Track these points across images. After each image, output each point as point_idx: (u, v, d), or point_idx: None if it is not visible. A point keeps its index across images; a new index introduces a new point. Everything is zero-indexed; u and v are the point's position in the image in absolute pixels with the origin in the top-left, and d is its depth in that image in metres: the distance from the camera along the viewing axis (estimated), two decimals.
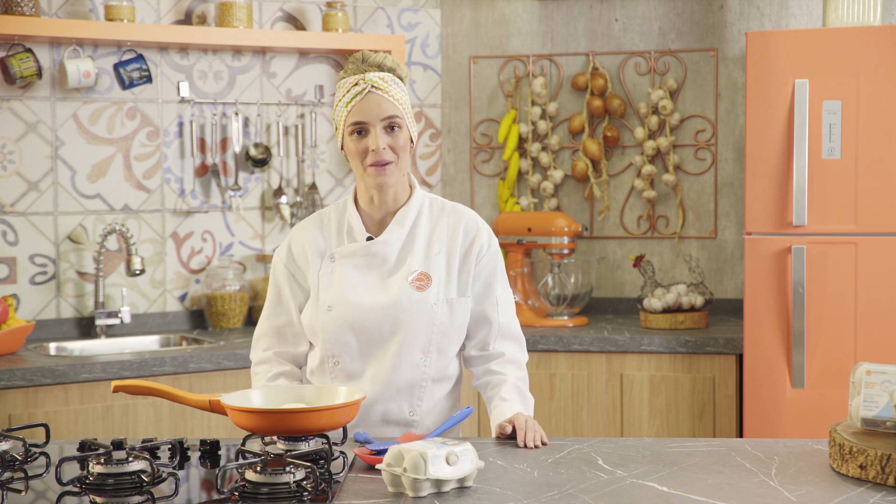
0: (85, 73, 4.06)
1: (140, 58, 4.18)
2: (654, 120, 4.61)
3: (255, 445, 2.23)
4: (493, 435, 2.43)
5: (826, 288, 3.81)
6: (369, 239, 2.52)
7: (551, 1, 4.73)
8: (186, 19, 4.33)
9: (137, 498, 1.93)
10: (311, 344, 2.57)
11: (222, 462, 2.23)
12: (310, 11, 4.54)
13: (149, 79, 4.19)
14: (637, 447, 2.30)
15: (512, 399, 2.50)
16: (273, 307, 2.59)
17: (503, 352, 2.57)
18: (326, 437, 2.13)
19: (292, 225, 4.50)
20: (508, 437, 2.40)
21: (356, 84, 2.46)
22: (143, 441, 2.24)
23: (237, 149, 4.41)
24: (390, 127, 2.46)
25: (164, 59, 4.29)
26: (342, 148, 2.52)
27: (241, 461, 1.98)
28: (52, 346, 3.99)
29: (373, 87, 2.45)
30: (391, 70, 2.50)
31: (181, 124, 4.34)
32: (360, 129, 2.45)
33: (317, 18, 4.54)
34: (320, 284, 2.50)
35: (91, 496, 1.94)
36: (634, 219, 4.72)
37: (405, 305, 2.46)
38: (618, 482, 2.03)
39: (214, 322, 4.32)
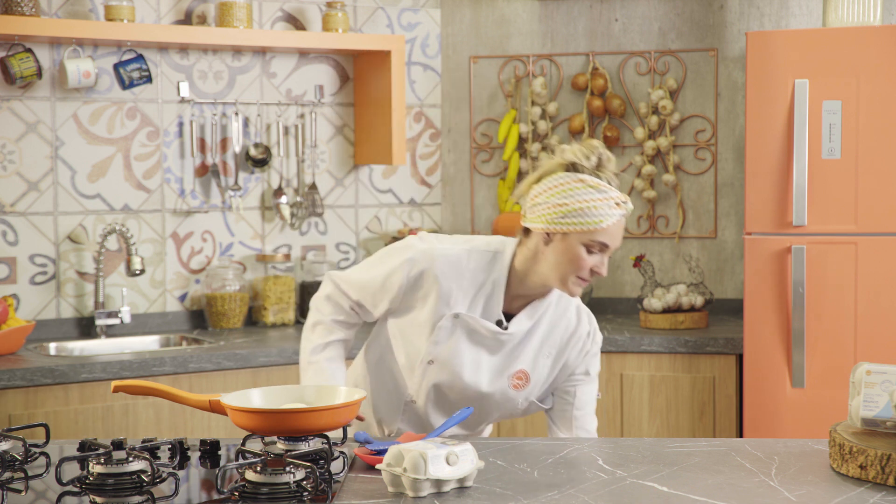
0: (85, 73, 4.06)
1: (140, 58, 4.18)
2: (654, 120, 4.61)
3: (255, 445, 2.23)
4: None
5: (826, 288, 3.81)
6: (499, 323, 2.52)
7: (551, 1, 4.72)
8: (186, 19, 4.33)
9: (137, 498, 1.93)
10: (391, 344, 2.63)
11: (222, 462, 2.23)
12: (310, 11, 4.54)
13: (149, 79, 4.19)
14: (637, 447, 2.30)
15: None
16: (367, 289, 2.56)
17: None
18: (326, 437, 2.13)
19: (292, 225, 4.49)
20: None
21: (618, 206, 2.37)
22: (143, 441, 2.24)
23: (237, 149, 4.41)
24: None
25: (164, 59, 4.29)
26: (548, 235, 2.41)
27: (241, 461, 1.99)
28: (52, 346, 3.99)
29: (626, 213, 2.40)
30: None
31: (181, 124, 4.34)
32: (601, 249, 2.40)
33: (317, 18, 4.54)
34: (433, 336, 2.51)
35: (91, 496, 1.94)
36: (634, 219, 4.71)
37: (496, 400, 2.56)
38: (618, 482, 2.03)
39: (214, 322, 4.32)
